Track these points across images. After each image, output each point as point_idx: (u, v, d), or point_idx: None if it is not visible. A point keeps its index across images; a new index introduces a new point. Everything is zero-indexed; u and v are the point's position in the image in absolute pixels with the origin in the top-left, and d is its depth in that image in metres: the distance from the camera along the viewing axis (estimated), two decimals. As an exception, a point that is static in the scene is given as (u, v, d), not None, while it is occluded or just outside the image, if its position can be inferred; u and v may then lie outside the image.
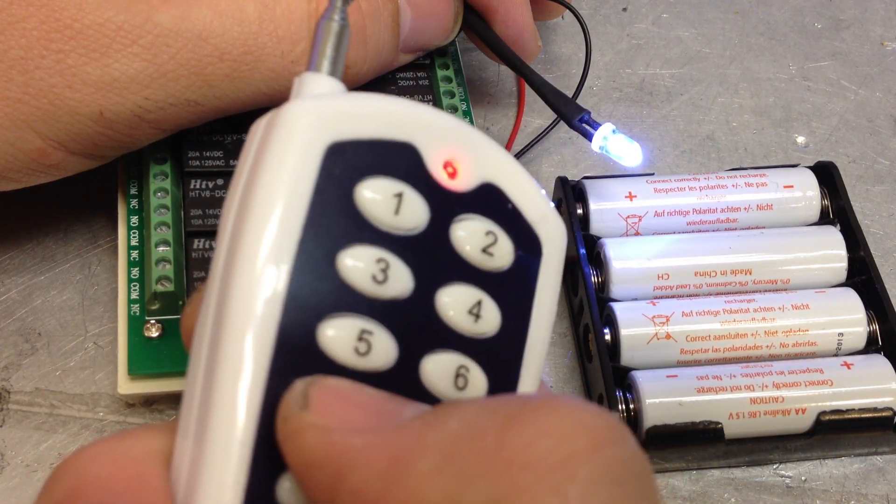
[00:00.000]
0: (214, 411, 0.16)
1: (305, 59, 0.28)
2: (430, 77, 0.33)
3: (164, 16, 0.26)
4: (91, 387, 0.30)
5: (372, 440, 0.15)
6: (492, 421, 0.15)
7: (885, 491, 0.30)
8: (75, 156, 0.28)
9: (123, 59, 0.26)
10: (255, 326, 0.16)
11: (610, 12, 0.41)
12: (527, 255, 0.19)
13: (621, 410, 0.28)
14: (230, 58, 0.27)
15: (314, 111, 0.17)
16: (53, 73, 0.26)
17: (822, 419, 0.28)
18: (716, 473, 0.30)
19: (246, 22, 0.27)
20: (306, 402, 0.16)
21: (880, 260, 0.33)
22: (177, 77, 0.27)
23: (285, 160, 0.17)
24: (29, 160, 0.27)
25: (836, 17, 0.42)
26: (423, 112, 0.19)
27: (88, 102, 0.26)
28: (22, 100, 0.26)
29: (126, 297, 0.29)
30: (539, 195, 0.20)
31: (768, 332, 0.30)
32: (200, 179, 0.30)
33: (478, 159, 0.19)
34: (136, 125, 0.27)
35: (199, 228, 0.29)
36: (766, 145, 0.38)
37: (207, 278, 0.18)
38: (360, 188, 0.17)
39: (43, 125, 0.26)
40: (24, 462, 0.28)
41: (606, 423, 0.15)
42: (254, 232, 0.17)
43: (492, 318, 0.18)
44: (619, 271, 0.31)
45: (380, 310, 0.17)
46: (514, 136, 0.37)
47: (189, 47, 0.26)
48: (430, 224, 0.18)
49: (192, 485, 0.16)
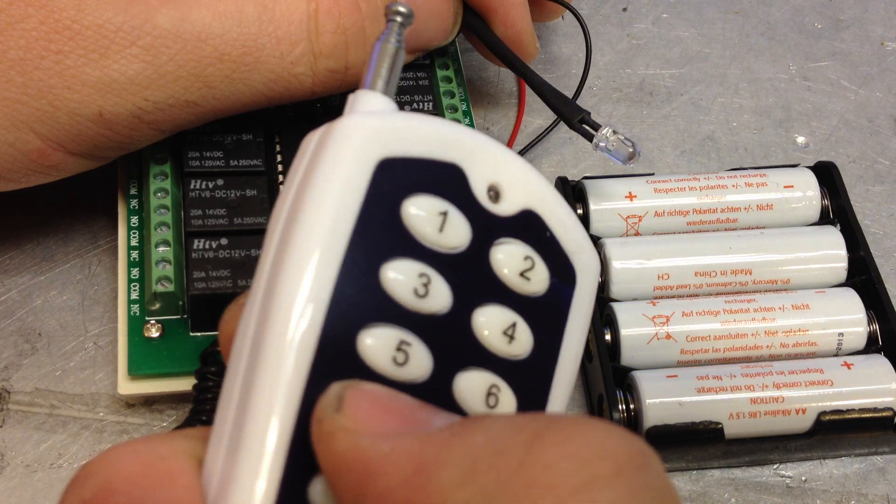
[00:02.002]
0: (251, 413, 0.16)
1: (305, 61, 0.28)
2: (429, 77, 0.33)
3: (163, 17, 0.26)
4: (91, 387, 0.30)
5: (399, 446, 0.16)
6: (517, 438, 0.15)
7: (885, 491, 0.30)
8: (75, 156, 0.28)
9: (122, 59, 0.26)
10: (299, 331, 0.16)
11: (610, 12, 0.41)
12: (561, 283, 0.20)
13: (621, 410, 0.28)
14: (229, 59, 0.27)
15: (367, 126, 0.18)
16: (52, 73, 0.26)
17: (823, 419, 0.28)
18: (716, 473, 0.30)
19: (245, 23, 0.27)
20: (340, 405, 0.16)
21: (880, 260, 0.33)
22: (176, 78, 0.27)
23: (337, 171, 0.17)
24: (28, 161, 0.27)
25: (836, 17, 0.42)
26: (471, 135, 0.19)
27: (88, 103, 0.26)
28: (21, 100, 0.26)
29: (126, 298, 0.29)
30: (577, 227, 0.20)
31: (768, 332, 0.30)
32: (200, 179, 0.30)
33: (520, 186, 0.19)
34: (136, 126, 0.27)
35: (199, 229, 0.29)
36: (766, 145, 0.38)
37: (251, 285, 0.18)
38: (406, 204, 0.18)
39: (42, 126, 0.26)
40: (24, 462, 0.28)
41: (631, 448, 0.15)
42: (303, 239, 0.17)
43: (525, 341, 0.19)
44: (619, 271, 0.31)
45: (419, 323, 0.17)
46: (515, 136, 0.37)
47: (188, 48, 0.26)
48: (471, 244, 0.18)
49: (224, 485, 0.16)
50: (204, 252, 0.28)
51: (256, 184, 0.30)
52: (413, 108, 0.32)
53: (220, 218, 0.29)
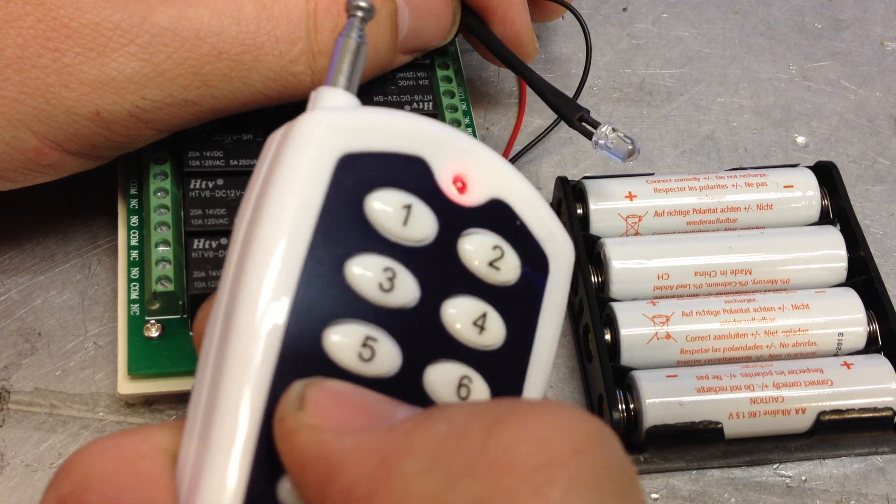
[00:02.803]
0: (219, 410, 0.16)
1: (304, 59, 0.28)
2: (429, 77, 0.33)
3: (161, 15, 0.26)
4: (91, 387, 0.30)
5: (362, 441, 0.16)
6: (478, 423, 0.15)
7: (885, 491, 0.30)
8: (72, 156, 0.28)
9: (120, 58, 0.26)
10: (263, 330, 0.16)
11: (610, 12, 0.41)
12: (533, 271, 0.19)
13: (621, 410, 0.28)
14: (228, 57, 0.27)
15: (328, 123, 0.18)
16: (50, 72, 0.26)
17: (822, 419, 0.28)
18: (716, 473, 0.30)
19: (244, 21, 0.27)
20: (302, 403, 0.16)
21: (880, 260, 0.33)
22: (174, 77, 0.27)
23: (298, 169, 0.17)
24: (26, 160, 0.27)
25: (836, 17, 0.42)
26: (435, 127, 0.19)
27: (85, 102, 0.26)
28: (18, 99, 0.26)
29: (126, 297, 0.29)
30: (548, 213, 0.20)
31: (768, 332, 0.30)
32: (200, 179, 0.30)
33: (487, 175, 0.19)
34: (133, 125, 0.27)
35: (198, 228, 0.29)
36: (766, 145, 0.38)
37: (219, 284, 0.18)
38: (370, 199, 0.18)
39: (39, 125, 0.26)
40: (24, 462, 0.28)
41: (589, 428, 0.16)
42: (265, 238, 0.17)
43: (496, 331, 0.19)
44: (619, 271, 0.31)
45: (385, 318, 0.17)
46: (515, 136, 0.37)
47: (186, 46, 0.26)
48: (438, 236, 0.18)
49: (195, 481, 0.16)
50: (204, 252, 0.28)
51: None
52: (413, 107, 0.32)
53: (220, 218, 0.29)
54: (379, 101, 0.32)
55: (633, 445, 0.29)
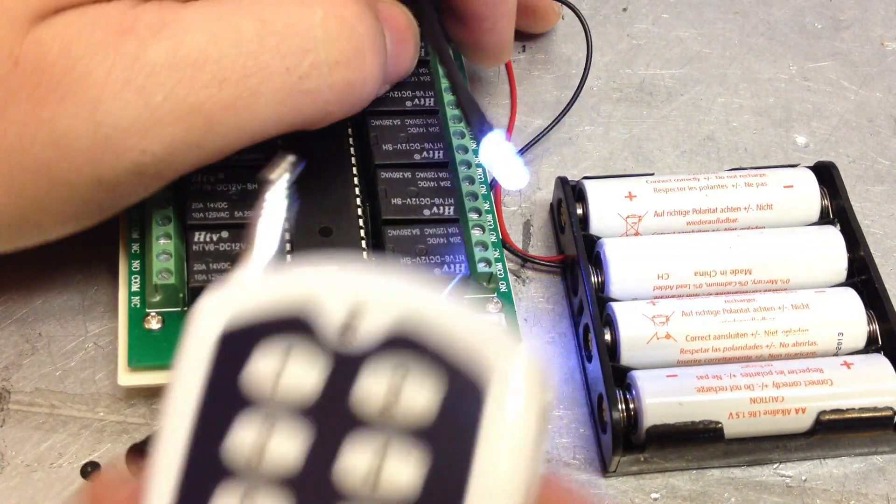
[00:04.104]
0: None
1: (316, 74, 0.25)
2: (431, 73, 0.33)
3: (155, 49, 0.24)
4: (91, 387, 0.30)
5: None
6: None
7: (885, 491, 0.30)
8: (81, 221, 0.27)
9: (115, 109, 0.24)
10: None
11: (610, 12, 0.42)
12: (459, 402, 0.17)
13: (621, 410, 0.28)
14: (230, 84, 0.25)
15: (210, 306, 0.18)
16: (47, 145, 0.24)
17: (822, 419, 0.28)
18: (716, 473, 0.30)
19: (243, 42, 0.25)
20: None
21: (880, 260, 0.33)
22: (174, 119, 0.24)
23: (183, 356, 0.18)
24: (35, 233, 0.27)
25: (836, 17, 0.42)
26: (320, 274, 0.18)
27: (85, 171, 0.25)
28: (23, 184, 0.25)
29: (127, 290, 0.29)
30: (474, 325, 0.17)
31: (768, 331, 0.30)
32: (202, 173, 0.30)
33: (382, 308, 0.17)
34: (137, 182, 0.26)
35: (199, 222, 0.29)
36: (766, 145, 0.38)
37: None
38: (248, 370, 0.17)
39: (49, 203, 0.26)
40: (24, 462, 0.28)
41: None
42: (162, 424, 0.17)
43: (406, 482, 0.16)
44: (618, 271, 0.31)
45: (272, 486, 0.17)
46: (510, 136, 0.37)
47: (184, 81, 0.24)
48: (327, 389, 0.17)
49: None
50: (204, 245, 0.29)
51: (257, 178, 0.30)
52: (414, 104, 0.32)
53: (221, 211, 0.29)
54: (380, 97, 0.32)
55: (633, 445, 0.29)
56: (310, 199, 0.30)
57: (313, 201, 0.30)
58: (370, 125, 0.32)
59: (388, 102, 0.32)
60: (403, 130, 0.32)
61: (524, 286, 0.33)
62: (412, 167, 0.31)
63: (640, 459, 0.29)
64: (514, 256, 0.34)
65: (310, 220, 0.30)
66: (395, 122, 0.32)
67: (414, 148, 0.31)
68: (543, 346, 0.32)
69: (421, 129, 0.32)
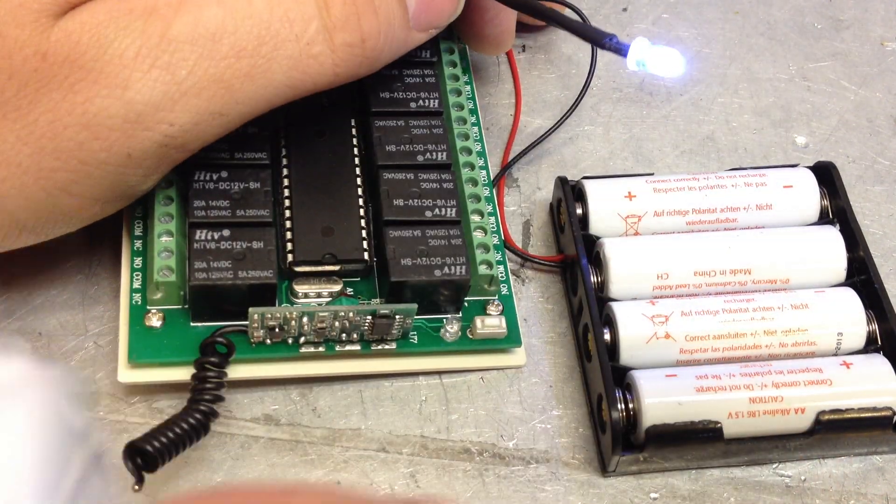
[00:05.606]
0: None
1: (321, 38, 0.27)
2: (436, 74, 0.33)
3: (177, 27, 0.26)
4: (91, 387, 0.30)
5: None
6: None
7: (885, 490, 0.30)
8: (111, 203, 0.28)
9: (144, 88, 0.26)
10: None
11: (610, 12, 0.42)
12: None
13: (620, 410, 0.28)
14: (246, 54, 0.26)
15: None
16: (80, 128, 0.26)
17: (822, 419, 0.28)
18: (715, 473, 0.30)
19: (256, 14, 0.27)
20: None
21: (880, 260, 0.33)
22: (199, 91, 0.26)
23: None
24: (65, 220, 0.28)
25: (836, 17, 0.42)
26: None
27: (116, 149, 0.26)
28: (54, 167, 0.26)
29: (128, 287, 0.30)
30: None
31: (768, 331, 0.30)
32: (204, 171, 0.30)
33: None
34: (165, 155, 0.27)
35: (201, 220, 0.29)
36: (766, 145, 0.38)
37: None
38: None
39: (77, 186, 0.26)
40: (25, 461, 0.29)
41: None
42: None
43: None
44: (618, 271, 0.31)
45: None
46: (513, 137, 0.37)
47: (205, 54, 0.26)
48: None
49: None
50: (206, 243, 0.29)
51: (260, 177, 0.30)
52: (419, 105, 0.32)
53: (223, 210, 0.29)
54: (385, 97, 0.32)
55: (632, 445, 0.29)
56: (312, 198, 0.30)
57: (316, 201, 0.30)
58: (374, 125, 0.32)
59: (393, 103, 0.32)
60: (407, 131, 0.32)
61: (524, 286, 0.33)
62: (415, 168, 0.31)
63: (639, 459, 0.29)
64: (514, 256, 0.34)
65: (312, 219, 0.30)
66: (398, 123, 0.32)
67: (417, 149, 0.31)
68: (543, 345, 0.32)
69: (424, 131, 0.32)
